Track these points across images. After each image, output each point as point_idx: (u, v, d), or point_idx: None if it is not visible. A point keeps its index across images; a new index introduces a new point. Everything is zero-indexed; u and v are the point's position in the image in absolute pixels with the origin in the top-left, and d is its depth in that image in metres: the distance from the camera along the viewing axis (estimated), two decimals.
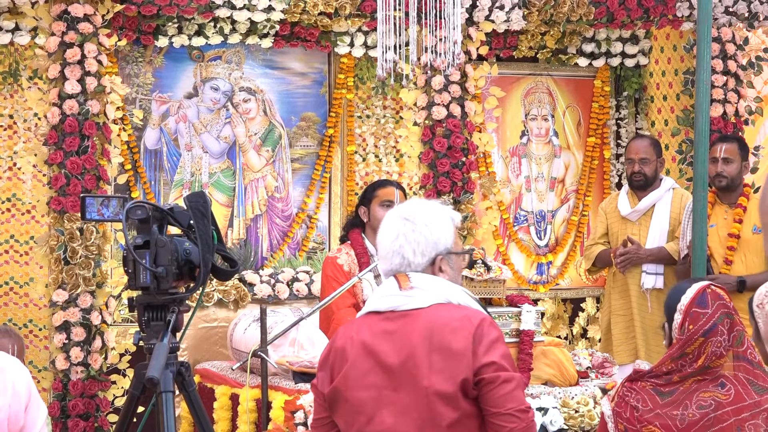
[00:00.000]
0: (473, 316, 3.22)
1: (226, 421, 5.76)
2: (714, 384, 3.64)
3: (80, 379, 6.34)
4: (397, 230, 3.32)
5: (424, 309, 3.24)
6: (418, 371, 3.16)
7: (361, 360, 3.24)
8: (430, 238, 3.31)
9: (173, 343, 3.09)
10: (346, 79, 7.45)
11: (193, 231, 3.14)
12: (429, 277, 3.29)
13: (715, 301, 3.71)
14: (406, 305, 3.25)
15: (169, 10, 6.58)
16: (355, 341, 3.28)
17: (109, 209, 3.17)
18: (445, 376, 3.14)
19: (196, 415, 3.21)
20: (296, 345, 5.69)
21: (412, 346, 3.19)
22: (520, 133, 7.93)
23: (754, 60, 7.66)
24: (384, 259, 3.34)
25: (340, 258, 6.03)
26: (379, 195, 6.07)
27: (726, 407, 3.60)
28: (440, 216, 3.35)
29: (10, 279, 6.92)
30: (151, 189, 7.04)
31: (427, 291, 3.26)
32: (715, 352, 3.65)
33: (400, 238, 3.30)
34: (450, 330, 3.18)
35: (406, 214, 3.34)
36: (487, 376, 3.14)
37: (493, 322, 3.26)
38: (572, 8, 7.23)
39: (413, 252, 3.30)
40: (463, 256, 3.46)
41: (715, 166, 6.52)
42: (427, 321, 3.21)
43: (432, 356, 3.16)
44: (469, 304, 3.28)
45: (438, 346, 3.17)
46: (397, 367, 3.20)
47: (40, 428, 3.40)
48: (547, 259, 7.97)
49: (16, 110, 6.91)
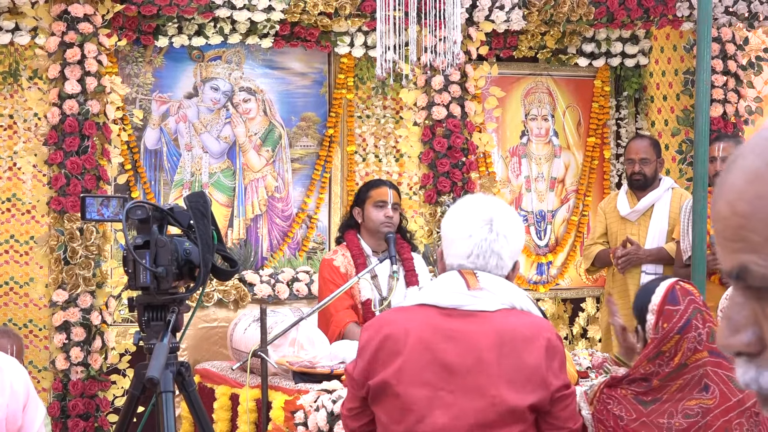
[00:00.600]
0: (542, 326, 3.16)
1: (226, 421, 5.76)
2: (698, 389, 3.61)
3: (80, 379, 6.34)
4: (478, 232, 3.18)
5: (491, 312, 3.12)
6: (485, 378, 3.06)
7: (418, 355, 3.10)
8: (517, 245, 3.24)
9: (173, 343, 3.09)
10: (346, 79, 7.45)
11: (193, 231, 3.14)
12: (497, 279, 3.18)
13: (685, 297, 3.68)
14: (472, 305, 3.13)
15: (169, 10, 6.58)
16: (411, 334, 3.12)
17: (109, 209, 3.17)
18: (517, 388, 3.06)
19: (196, 415, 3.22)
20: (296, 345, 5.69)
21: (480, 350, 3.08)
22: (520, 133, 7.93)
23: (754, 60, 7.67)
24: (474, 256, 3.17)
25: (336, 260, 6.02)
26: (372, 196, 6.02)
27: (713, 411, 3.58)
28: (519, 224, 3.28)
29: (10, 279, 6.92)
30: (151, 189, 7.04)
31: (494, 294, 3.14)
32: (690, 348, 3.64)
33: (501, 239, 3.18)
34: (522, 339, 3.09)
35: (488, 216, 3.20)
36: (561, 395, 3.12)
37: (558, 335, 3.20)
38: (572, 8, 7.23)
39: (510, 255, 3.20)
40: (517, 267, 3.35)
41: (714, 165, 6.53)
42: (496, 326, 3.10)
43: (503, 365, 3.06)
44: (531, 310, 3.20)
45: (509, 355, 3.07)
46: (459, 369, 3.08)
47: (38, 428, 3.39)
48: (547, 259, 7.97)
49: (16, 110, 6.91)
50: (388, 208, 5.95)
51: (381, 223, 5.94)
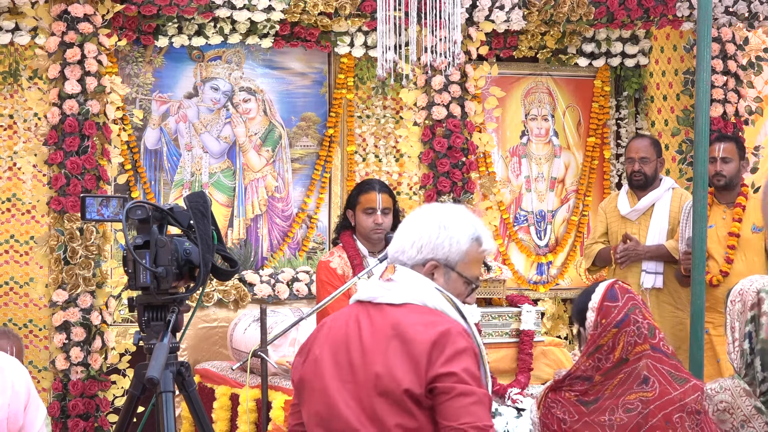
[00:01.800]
0: (442, 323, 3.04)
1: (226, 421, 5.76)
2: (638, 382, 3.63)
3: (80, 379, 6.34)
4: (417, 217, 3.19)
5: (395, 306, 3.10)
6: (372, 368, 3.02)
7: (331, 351, 3.12)
8: (435, 239, 3.14)
9: (173, 343, 3.09)
10: (346, 79, 7.45)
11: (193, 231, 3.14)
12: (414, 275, 3.14)
13: (624, 294, 3.73)
14: (382, 298, 3.12)
15: (169, 10, 6.58)
16: (323, 329, 3.18)
17: (109, 209, 3.16)
18: (395, 377, 2.99)
19: (196, 415, 3.21)
20: (296, 345, 5.69)
21: (374, 341, 3.05)
22: (520, 133, 7.93)
23: (754, 60, 7.67)
24: (393, 249, 3.20)
25: (333, 262, 6.00)
26: (361, 201, 5.94)
27: (652, 404, 3.60)
28: (463, 227, 3.16)
29: (10, 279, 6.92)
30: (151, 189, 7.04)
31: (404, 288, 3.12)
32: (630, 342, 3.66)
33: (411, 224, 3.17)
34: (413, 332, 3.01)
35: (436, 208, 3.20)
36: (441, 386, 2.96)
37: (463, 332, 3.04)
38: (572, 8, 7.23)
39: (412, 243, 3.15)
40: (466, 284, 3.21)
41: (714, 165, 6.53)
42: (394, 319, 3.06)
43: (390, 355, 3.01)
44: (446, 312, 3.09)
45: (397, 348, 3.01)
46: (358, 362, 3.06)
47: (39, 428, 3.39)
48: (547, 259, 7.97)
49: (16, 110, 6.91)
50: (378, 215, 5.90)
51: (371, 230, 5.90)
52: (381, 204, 5.91)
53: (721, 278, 6.48)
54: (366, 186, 6.06)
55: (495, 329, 5.13)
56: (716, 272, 6.51)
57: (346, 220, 6.10)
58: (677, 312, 6.71)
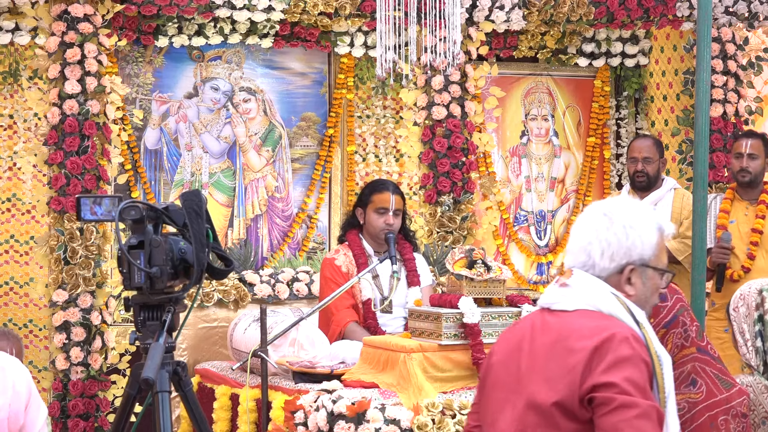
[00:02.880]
0: (609, 328, 2.83)
1: (226, 421, 5.76)
2: (685, 384, 3.62)
3: (80, 379, 6.34)
4: (590, 225, 2.95)
5: (568, 312, 2.93)
6: (531, 378, 2.89)
7: (505, 357, 3.01)
8: (625, 242, 2.92)
9: (169, 342, 3.08)
10: (346, 79, 7.45)
11: (187, 230, 3.13)
12: (588, 279, 2.94)
13: (673, 295, 3.67)
14: (557, 304, 2.96)
15: (169, 10, 6.59)
16: (503, 336, 3.08)
17: (102, 207, 3.16)
18: (549, 386, 2.83)
19: (193, 415, 3.21)
20: (296, 345, 5.69)
21: (540, 349, 2.91)
22: (520, 133, 7.93)
23: (754, 60, 7.67)
24: (569, 254, 2.99)
25: (338, 259, 6.01)
26: (374, 201, 5.98)
27: (699, 405, 3.59)
28: (645, 221, 2.95)
29: (10, 279, 6.92)
30: (151, 189, 7.04)
31: (577, 293, 2.93)
32: (677, 344, 3.64)
33: (591, 234, 2.93)
34: (576, 338, 2.84)
35: (607, 210, 2.96)
36: (600, 396, 2.75)
37: (629, 339, 2.82)
38: (572, 8, 7.23)
39: (601, 253, 2.93)
40: (664, 275, 3.02)
41: (740, 161, 6.55)
42: (561, 326, 2.90)
43: (549, 364, 2.86)
44: (619, 317, 2.89)
45: (558, 355, 2.85)
46: (524, 370, 2.93)
47: (40, 428, 3.40)
48: (547, 259, 7.97)
49: (16, 110, 6.92)
50: (389, 215, 5.93)
51: (381, 229, 5.93)
52: (393, 205, 5.93)
53: (743, 274, 6.48)
54: (380, 186, 6.08)
55: (495, 329, 5.12)
56: (738, 268, 6.52)
57: (354, 217, 6.11)
58: None
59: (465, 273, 5.14)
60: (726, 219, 6.62)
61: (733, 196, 6.64)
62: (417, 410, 4.75)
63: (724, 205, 6.65)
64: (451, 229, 7.08)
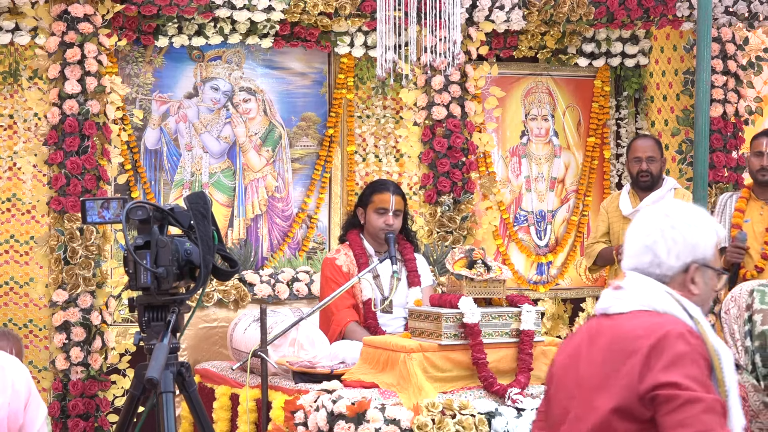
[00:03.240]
0: (664, 326, 2.83)
1: (226, 421, 5.76)
2: None
3: (80, 379, 6.34)
4: (653, 225, 2.95)
5: (623, 314, 2.93)
6: (590, 383, 2.88)
7: (564, 364, 3.03)
8: (690, 240, 2.93)
9: (173, 343, 3.09)
10: (346, 79, 7.45)
11: (193, 231, 3.14)
12: (641, 279, 2.95)
13: None
14: (612, 308, 2.96)
15: (169, 10, 6.58)
16: (564, 344, 3.09)
17: (110, 211, 3.16)
18: (607, 392, 2.82)
19: (197, 416, 3.22)
20: (296, 345, 5.69)
21: (596, 355, 2.91)
22: (520, 133, 7.93)
23: (754, 60, 7.67)
24: (631, 257, 2.98)
25: (339, 259, 6.02)
26: (374, 201, 5.99)
27: None
28: (705, 222, 2.97)
29: (10, 279, 6.92)
30: (151, 189, 7.04)
31: (631, 294, 2.94)
32: None
33: (656, 233, 2.93)
34: (631, 339, 2.83)
35: (668, 211, 2.97)
36: (663, 394, 2.73)
37: (685, 334, 2.81)
38: (572, 8, 7.23)
39: (667, 251, 2.93)
40: (719, 276, 3.02)
41: (759, 159, 6.52)
42: (616, 329, 2.90)
43: (605, 367, 2.86)
44: (675, 314, 2.89)
45: (614, 357, 2.85)
46: (583, 376, 2.93)
47: (39, 427, 3.39)
48: (547, 259, 7.97)
49: (16, 110, 6.91)
50: (389, 216, 5.94)
51: (381, 229, 5.95)
52: (393, 206, 5.94)
53: (755, 273, 6.45)
54: (380, 186, 6.09)
55: (495, 329, 5.13)
56: (751, 268, 6.51)
57: (355, 217, 6.11)
58: None
59: (465, 273, 5.14)
60: (741, 218, 6.59)
61: (749, 195, 6.62)
62: (417, 410, 4.75)
63: (740, 204, 6.62)
64: (451, 229, 7.08)
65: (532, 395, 5.01)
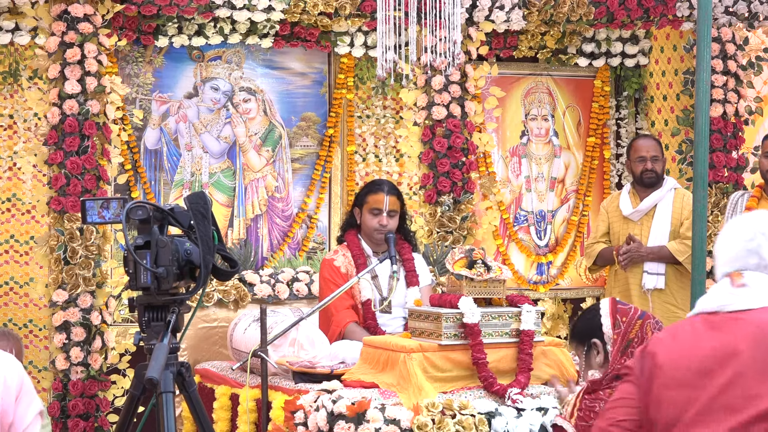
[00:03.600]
0: None
1: (226, 421, 5.76)
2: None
3: (80, 379, 6.34)
4: (754, 229, 3.08)
5: (755, 310, 2.99)
6: (742, 379, 2.90)
7: (676, 360, 3.00)
8: None
9: (173, 343, 3.09)
10: (346, 79, 7.45)
11: (193, 231, 3.14)
12: (763, 276, 3.04)
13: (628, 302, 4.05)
14: (734, 305, 3.01)
15: (169, 10, 6.59)
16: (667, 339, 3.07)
17: (110, 211, 3.16)
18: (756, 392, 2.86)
19: (197, 416, 3.22)
20: (296, 345, 5.69)
21: (737, 350, 2.94)
22: (520, 133, 7.93)
23: (754, 60, 7.67)
24: (734, 260, 3.09)
25: (337, 260, 6.02)
26: (369, 201, 6.00)
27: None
28: None
29: (10, 279, 6.92)
30: (151, 189, 7.04)
31: (759, 290, 3.01)
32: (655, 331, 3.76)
33: (758, 236, 3.06)
34: None
35: (762, 213, 3.13)
36: None
37: None
38: (572, 8, 7.23)
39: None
40: None
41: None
42: (758, 322, 2.95)
43: (757, 361, 2.90)
44: None
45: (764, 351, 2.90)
46: (716, 371, 2.94)
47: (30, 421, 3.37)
48: (547, 259, 7.97)
49: (16, 110, 6.92)
50: (383, 216, 5.94)
51: (374, 230, 5.95)
52: (387, 206, 5.93)
53: None
54: (375, 186, 6.09)
55: (495, 329, 5.12)
56: None
57: (352, 218, 6.12)
58: (679, 312, 6.71)
59: (465, 273, 5.14)
60: None
61: (760, 194, 6.61)
62: (417, 410, 4.75)
63: (750, 204, 6.62)
64: (451, 229, 7.08)
65: (532, 395, 5.01)
